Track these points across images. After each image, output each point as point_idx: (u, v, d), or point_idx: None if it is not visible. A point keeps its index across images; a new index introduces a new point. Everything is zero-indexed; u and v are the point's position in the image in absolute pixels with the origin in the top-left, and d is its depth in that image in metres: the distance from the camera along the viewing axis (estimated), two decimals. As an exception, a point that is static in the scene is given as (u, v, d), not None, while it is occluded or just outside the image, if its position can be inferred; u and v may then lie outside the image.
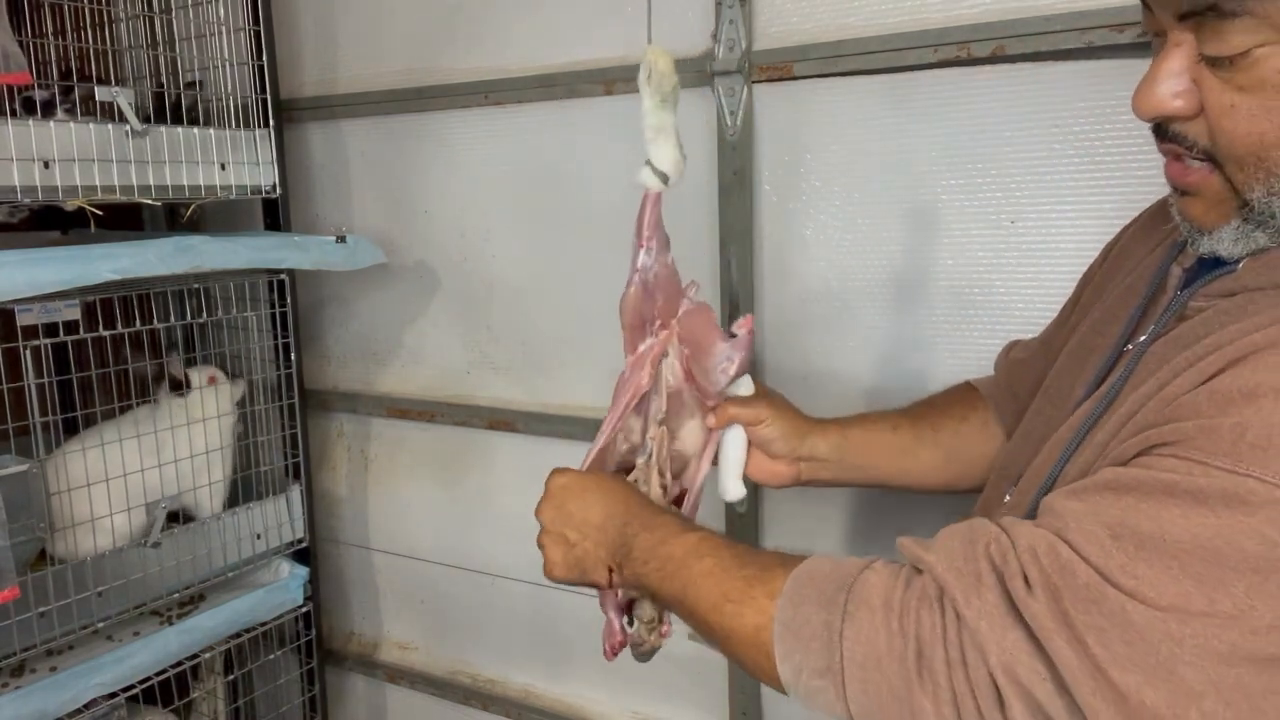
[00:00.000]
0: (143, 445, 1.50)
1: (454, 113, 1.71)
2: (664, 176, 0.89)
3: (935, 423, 1.05)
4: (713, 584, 0.76)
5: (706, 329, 0.94)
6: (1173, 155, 0.69)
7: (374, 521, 2.00)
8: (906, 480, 1.06)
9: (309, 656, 1.83)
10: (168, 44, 1.72)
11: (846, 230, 1.39)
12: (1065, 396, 0.83)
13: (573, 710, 1.80)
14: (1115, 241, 0.98)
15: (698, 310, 0.95)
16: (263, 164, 1.63)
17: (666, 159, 0.88)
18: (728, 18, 1.38)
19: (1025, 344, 1.08)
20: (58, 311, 1.36)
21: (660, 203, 0.91)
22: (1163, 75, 0.66)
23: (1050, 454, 0.77)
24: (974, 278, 1.31)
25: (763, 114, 1.41)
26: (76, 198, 1.35)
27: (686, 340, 0.95)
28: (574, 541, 0.89)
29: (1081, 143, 1.20)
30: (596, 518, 0.88)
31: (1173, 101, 0.65)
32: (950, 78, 1.27)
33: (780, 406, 1.01)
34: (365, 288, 1.90)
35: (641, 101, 0.87)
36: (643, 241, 0.91)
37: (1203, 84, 0.64)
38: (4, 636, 1.32)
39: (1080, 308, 0.95)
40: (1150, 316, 0.78)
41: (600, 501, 0.89)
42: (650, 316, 0.93)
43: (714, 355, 0.94)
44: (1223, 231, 0.68)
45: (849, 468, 1.03)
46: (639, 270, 0.91)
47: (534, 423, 1.72)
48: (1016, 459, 0.87)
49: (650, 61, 0.85)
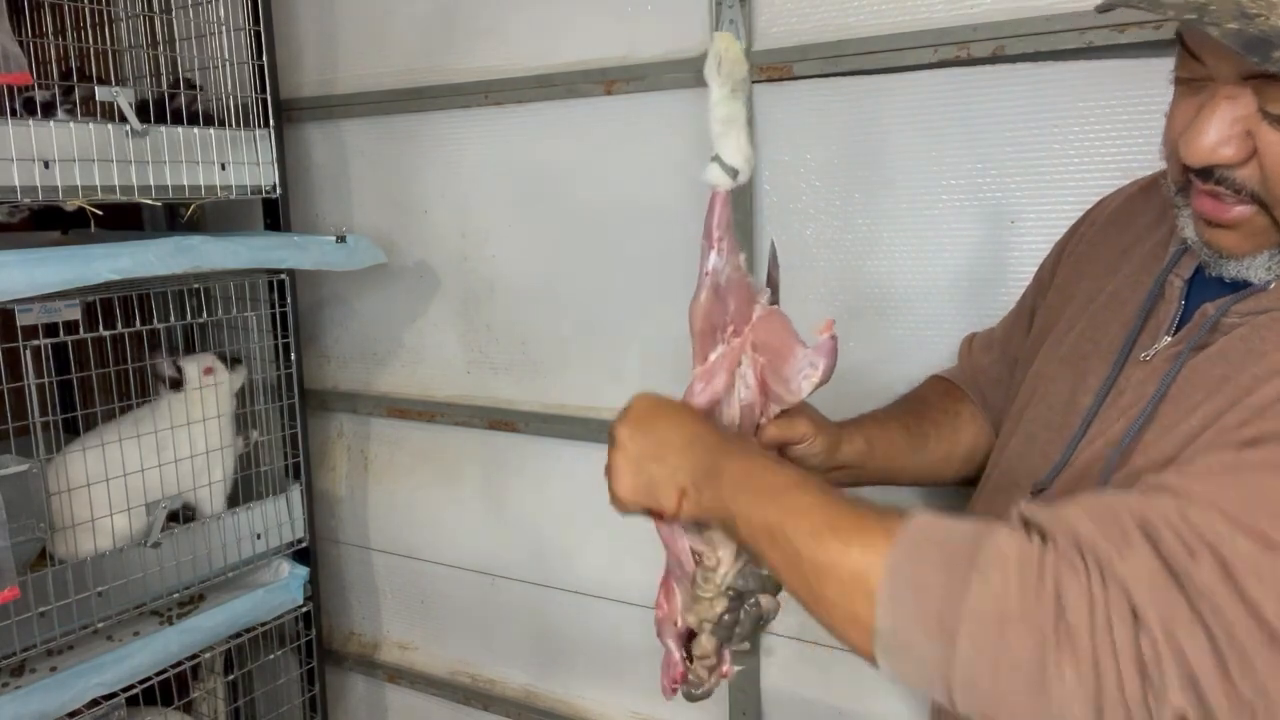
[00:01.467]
0: (143, 442, 1.50)
1: (454, 113, 1.71)
2: (733, 172, 0.83)
3: (935, 419, 1.07)
4: (819, 514, 0.70)
5: (784, 335, 0.88)
6: (1211, 195, 0.70)
7: (374, 521, 2.00)
8: (919, 476, 1.07)
9: (309, 656, 1.83)
10: (168, 44, 1.72)
11: (846, 230, 1.39)
12: (1070, 405, 0.84)
13: (573, 710, 1.80)
14: (1066, 242, 0.99)
15: (773, 315, 0.89)
16: (263, 164, 1.63)
17: (737, 153, 0.83)
18: (728, 18, 1.38)
19: (985, 340, 1.10)
20: (58, 311, 1.36)
21: (729, 201, 0.86)
22: (1214, 125, 0.67)
23: (1087, 469, 0.77)
24: (974, 278, 1.31)
25: (763, 114, 1.41)
26: (76, 198, 1.35)
27: (762, 348, 0.88)
28: (650, 457, 0.82)
29: (1081, 143, 1.20)
30: (681, 438, 0.81)
31: (1225, 150, 0.67)
32: (950, 78, 1.27)
33: (816, 420, 0.97)
34: (365, 288, 1.90)
35: (710, 93, 0.82)
36: (713, 242, 0.85)
37: (1259, 135, 0.66)
38: (4, 636, 1.31)
39: (1044, 311, 0.96)
40: (1152, 326, 0.79)
41: (689, 424, 0.83)
42: (722, 323, 0.87)
43: (794, 362, 0.87)
44: (1256, 260, 0.71)
45: (871, 471, 1.02)
46: (710, 273, 0.85)
47: (534, 422, 1.72)
48: (1024, 465, 0.87)
49: (720, 50, 0.80)
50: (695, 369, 0.88)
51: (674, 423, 0.84)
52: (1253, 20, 0.61)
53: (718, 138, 0.82)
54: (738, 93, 0.81)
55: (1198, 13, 0.62)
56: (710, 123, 0.82)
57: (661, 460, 0.82)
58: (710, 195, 0.85)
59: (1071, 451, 0.81)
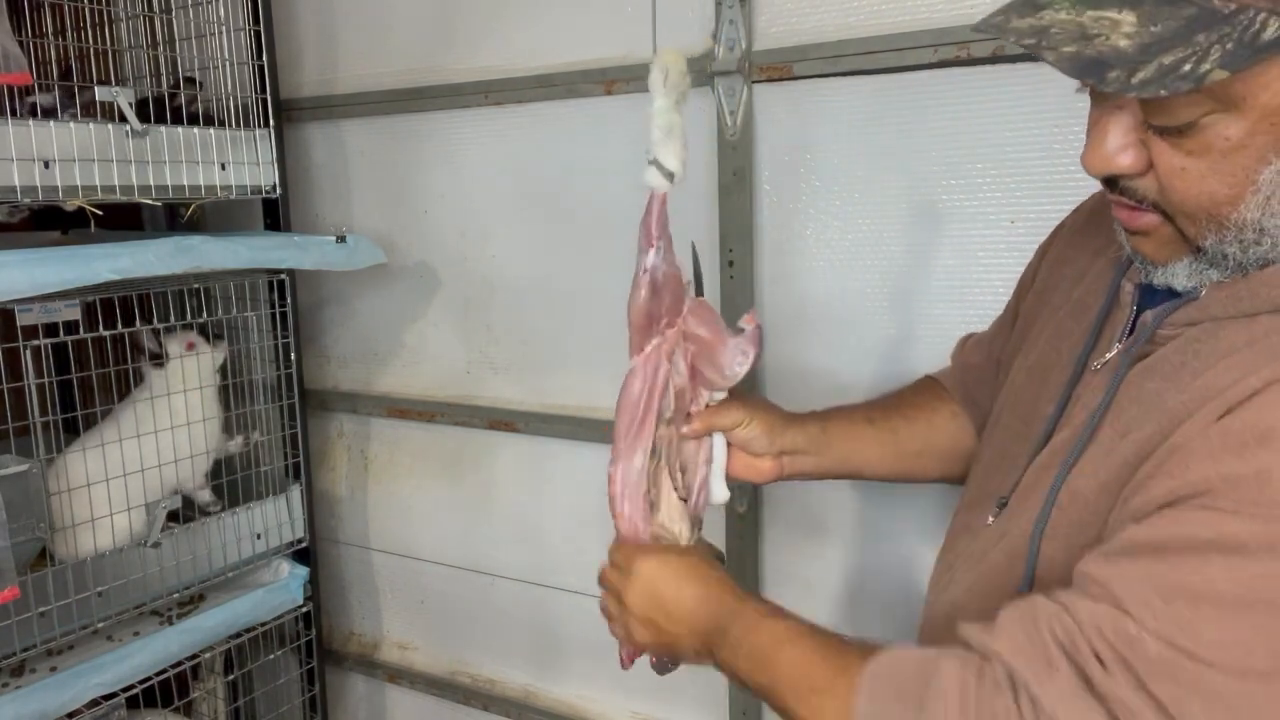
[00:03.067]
0: (140, 430, 1.50)
1: (454, 113, 1.71)
2: (670, 175, 0.89)
3: (908, 415, 1.07)
4: (799, 674, 0.76)
5: (713, 325, 0.94)
6: (1121, 205, 0.70)
7: (374, 521, 2.00)
8: (892, 470, 1.07)
9: (309, 656, 1.83)
10: (168, 44, 1.72)
11: (846, 230, 1.39)
12: (1033, 415, 0.84)
13: (573, 710, 1.80)
14: (1049, 244, 0.99)
15: (700, 306, 0.95)
16: (263, 164, 1.63)
17: (675, 158, 0.88)
18: (728, 18, 1.38)
19: (977, 341, 1.09)
20: (58, 311, 1.36)
21: (666, 202, 0.91)
22: (1110, 135, 0.67)
23: (1038, 480, 0.77)
24: (974, 278, 1.31)
25: (763, 114, 1.41)
26: (76, 198, 1.35)
27: (692, 338, 0.95)
28: (664, 627, 0.89)
29: (1081, 143, 1.20)
30: (688, 604, 0.87)
31: (1121, 159, 0.67)
32: (950, 78, 1.27)
33: (755, 405, 1.01)
34: (365, 288, 1.90)
35: (653, 101, 0.87)
36: (651, 241, 0.90)
37: (1151, 146, 0.65)
38: (4, 636, 1.31)
39: (1024, 315, 0.96)
40: (1107, 333, 0.79)
41: (692, 589, 0.88)
42: (658, 315, 0.93)
43: (727, 349, 0.94)
44: (1176, 267, 0.70)
45: (830, 459, 1.04)
46: (648, 270, 0.91)
47: (534, 422, 1.72)
48: (995, 478, 0.87)
49: (667, 64, 0.85)
50: (633, 358, 0.94)
51: (680, 589, 0.89)
52: (1091, 41, 0.60)
53: (657, 144, 0.88)
54: (680, 104, 0.88)
55: (1037, 37, 0.62)
56: (651, 129, 0.88)
57: (677, 626, 0.88)
58: (648, 197, 0.90)
59: (1030, 461, 0.81)
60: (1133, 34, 0.59)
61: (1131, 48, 0.59)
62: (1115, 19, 0.60)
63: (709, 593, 0.87)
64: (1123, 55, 0.59)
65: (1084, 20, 0.60)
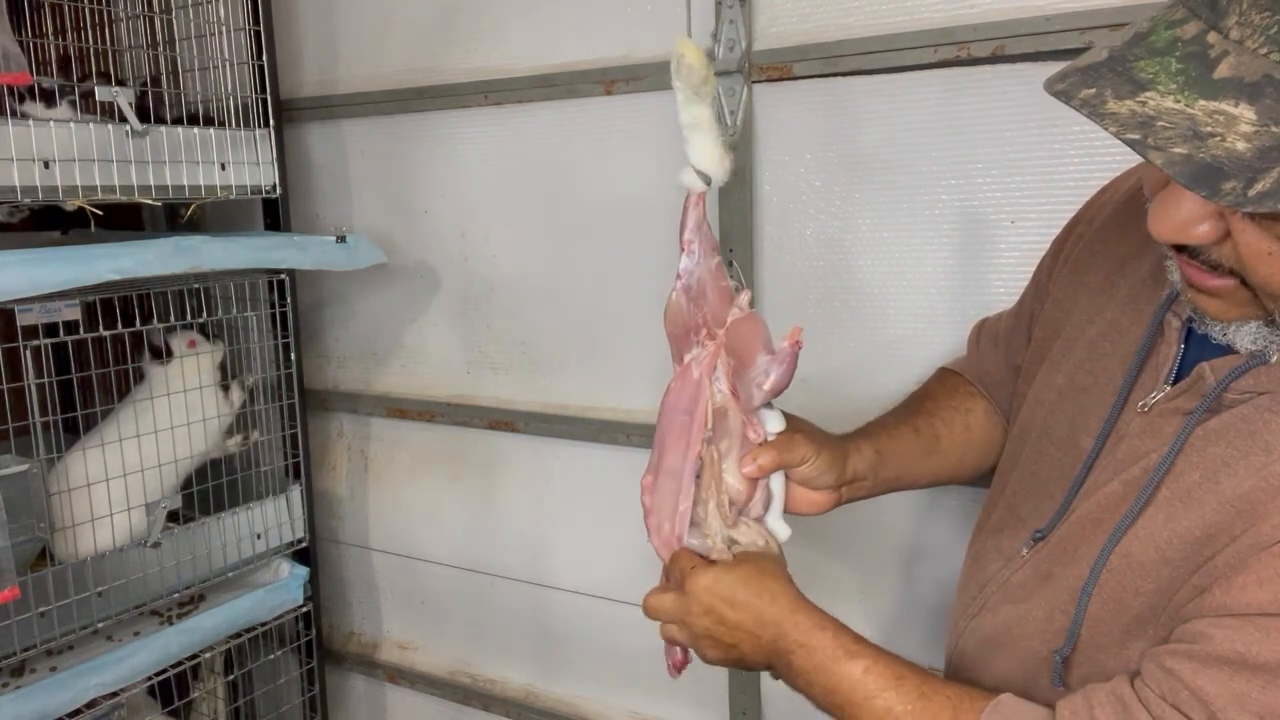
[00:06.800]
0: (140, 427, 1.50)
1: (454, 113, 1.71)
2: (706, 177, 0.84)
3: (945, 418, 1.04)
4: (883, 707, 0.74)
5: (751, 340, 0.87)
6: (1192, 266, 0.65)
7: (374, 521, 2.00)
8: (934, 479, 1.05)
9: (309, 656, 1.83)
10: (168, 44, 1.72)
11: (846, 230, 1.39)
12: (1069, 444, 0.81)
13: (573, 710, 1.80)
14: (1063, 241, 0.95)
15: (746, 319, 0.88)
16: (263, 164, 1.63)
17: (705, 157, 0.83)
18: (727, 18, 1.38)
19: (991, 335, 1.07)
20: (58, 311, 1.36)
21: (703, 204, 0.86)
22: (1185, 204, 0.60)
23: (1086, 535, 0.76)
24: (974, 278, 1.31)
25: (762, 114, 1.41)
26: (76, 198, 1.35)
27: (731, 352, 0.88)
28: (731, 644, 0.85)
29: (1081, 143, 1.20)
30: (749, 623, 0.84)
31: (1197, 231, 0.61)
32: (950, 78, 1.27)
33: (816, 439, 0.93)
34: (365, 288, 1.90)
35: (675, 98, 0.83)
36: (684, 245, 0.86)
37: (1233, 223, 0.59)
38: (4, 636, 1.32)
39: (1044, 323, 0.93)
40: (1150, 369, 0.76)
41: (750, 606, 0.84)
42: (695, 325, 0.87)
43: (751, 370, 0.87)
44: (1243, 329, 0.66)
45: (883, 481, 0.99)
46: (681, 275, 0.86)
47: (534, 423, 1.72)
48: (1026, 504, 0.85)
49: (678, 54, 0.79)
50: (676, 368, 0.90)
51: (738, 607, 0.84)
52: (1205, 142, 0.53)
53: (685, 143, 0.84)
54: (700, 97, 0.81)
55: (1142, 131, 0.55)
56: (680, 127, 0.83)
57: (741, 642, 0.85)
58: (684, 198, 0.86)
59: (1072, 497, 0.79)
60: (1251, 134, 0.52)
61: (1250, 152, 0.52)
62: (1232, 114, 0.53)
63: (767, 610, 0.83)
64: (1240, 161, 0.52)
65: (1195, 113, 0.54)
